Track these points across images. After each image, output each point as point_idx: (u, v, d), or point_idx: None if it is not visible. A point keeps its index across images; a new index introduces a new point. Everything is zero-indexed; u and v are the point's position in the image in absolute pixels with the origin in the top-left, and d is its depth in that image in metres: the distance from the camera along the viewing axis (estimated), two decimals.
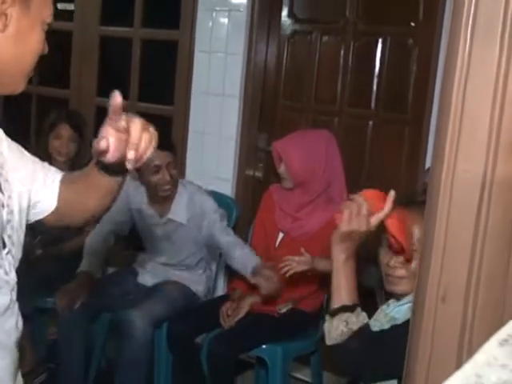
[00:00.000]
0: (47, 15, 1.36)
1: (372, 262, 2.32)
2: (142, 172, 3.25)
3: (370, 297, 2.51)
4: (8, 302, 1.33)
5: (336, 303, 1.94)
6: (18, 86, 1.39)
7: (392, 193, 1.87)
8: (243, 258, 3.24)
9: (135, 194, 3.47)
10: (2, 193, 1.31)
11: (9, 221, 1.33)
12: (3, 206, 1.30)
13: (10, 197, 1.35)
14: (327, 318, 1.96)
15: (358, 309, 1.93)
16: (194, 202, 3.39)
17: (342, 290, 1.92)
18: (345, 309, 1.91)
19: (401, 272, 2.03)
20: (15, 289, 1.37)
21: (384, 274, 2.08)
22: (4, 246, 1.32)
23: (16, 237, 1.37)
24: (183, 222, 3.41)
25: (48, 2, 1.36)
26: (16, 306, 1.38)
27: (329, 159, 3.26)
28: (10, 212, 1.34)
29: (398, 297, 2.07)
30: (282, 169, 3.25)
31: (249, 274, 3.17)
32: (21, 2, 1.29)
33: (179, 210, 3.40)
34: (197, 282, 3.55)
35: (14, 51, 1.32)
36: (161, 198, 3.40)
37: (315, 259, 2.98)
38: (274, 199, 3.41)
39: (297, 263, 2.94)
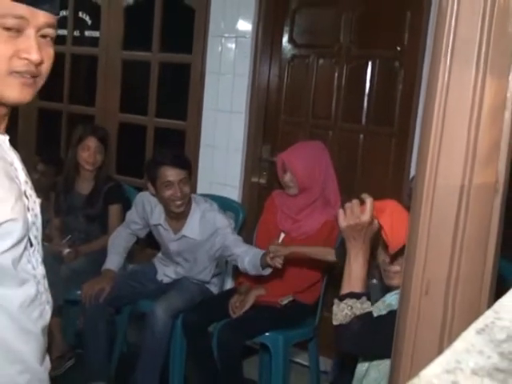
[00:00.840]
0: (3, 14, 1.18)
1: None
2: (156, 188, 3.24)
3: None
4: (34, 293, 1.33)
5: (345, 289, 1.96)
6: (7, 99, 1.26)
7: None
8: (253, 262, 3.07)
9: (154, 210, 3.43)
10: (27, 198, 1.31)
11: (34, 223, 1.33)
12: (29, 209, 1.30)
13: (34, 202, 1.35)
14: (335, 301, 1.98)
15: (364, 298, 1.96)
16: (206, 219, 3.30)
17: (352, 279, 1.96)
18: (352, 295, 1.94)
19: (395, 268, 2.05)
20: (41, 282, 1.37)
21: (382, 270, 2.11)
22: (31, 244, 1.32)
23: (39, 237, 1.38)
24: (196, 239, 3.33)
25: (5, 2, 1.19)
26: (43, 296, 1.38)
27: (326, 167, 3.28)
28: (35, 215, 1.34)
29: (395, 289, 2.08)
30: (287, 178, 3.25)
31: (261, 270, 3.04)
32: None
33: (192, 227, 3.32)
34: (211, 284, 3.54)
35: None
36: (176, 215, 3.32)
37: (294, 246, 3.01)
38: (276, 203, 3.41)
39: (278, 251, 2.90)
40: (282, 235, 3.35)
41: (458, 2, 0.91)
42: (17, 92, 1.24)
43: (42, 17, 1.24)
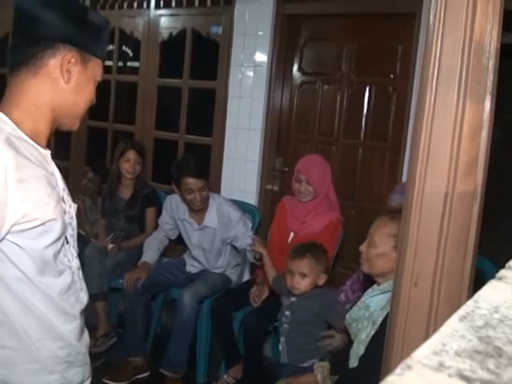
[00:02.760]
0: (98, 75, 1.40)
1: None
2: (180, 191, 3.30)
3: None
4: (70, 281, 1.36)
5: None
6: (73, 125, 1.41)
7: None
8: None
9: (179, 208, 3.47)
10: (65, 203, 1.35)
11: (70, 223, 1.37)
12: (65, 212, 1.33)
13: (70, 206, 1.39)
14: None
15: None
16: (221, 212, 3.37)
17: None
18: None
19: (363, 256, 2.13)
20: (76, 272, 1.40)
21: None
22: (67, 241, 1.35)
23: (75, 235, 1.42)
24: (215, 227, 3.38)
25: (100, 66, 1.40)
26: (77, 285, 1.40)
27: (329, 176, 3.27)
28: (71, 217, 1.38)
29: (375, 277, 2.10)
30: (302, 188, 3.21)
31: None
32: (81, 64, 1.33)
33: (211, 219, 3.38)
34: (231, 273, 3.55)
35: (74, 99, 1.34)
36: (196, 211, 3.38)
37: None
38: (286, 207, 3.39)
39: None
40: (292, 234, 3.34)
41: (442, 37, 0.91)
42: (78, 125, 1.43)
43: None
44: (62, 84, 1.32)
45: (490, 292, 0.58)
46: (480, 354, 0.46)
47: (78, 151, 5.01)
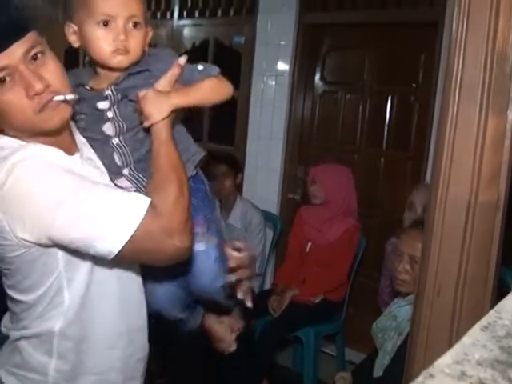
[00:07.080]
0: None
1: None
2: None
3: None
4: None
5: None
6: None
7: None
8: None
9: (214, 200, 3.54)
10: None
11: None
12: None
13: None
14: None
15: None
16: (246, 216, 3.46)
17: None
18: None
19: (405, 277, 2.00)
20: None
21: (393, 277, 2.06)
22: None
23: None
24: (238, 226, 3.45)
25: None
26: None
27: (349, 188, 3.27)
28: None
29: (403, 295, 2.05)
30: (313, 188, 3.25)
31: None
32: None
33: (235, 217, 3.47)
34: (253, 281, 3.55)
35: None
36: (224, 205, 3.48)
37: None
38: (304, 217, 3.39)
39: None
40: (309, 244, 3.34)
41: (464, 47, 0.91)
42: None
43: None
44: None
45: None
46: (501, 364, 0.46)
47: None
